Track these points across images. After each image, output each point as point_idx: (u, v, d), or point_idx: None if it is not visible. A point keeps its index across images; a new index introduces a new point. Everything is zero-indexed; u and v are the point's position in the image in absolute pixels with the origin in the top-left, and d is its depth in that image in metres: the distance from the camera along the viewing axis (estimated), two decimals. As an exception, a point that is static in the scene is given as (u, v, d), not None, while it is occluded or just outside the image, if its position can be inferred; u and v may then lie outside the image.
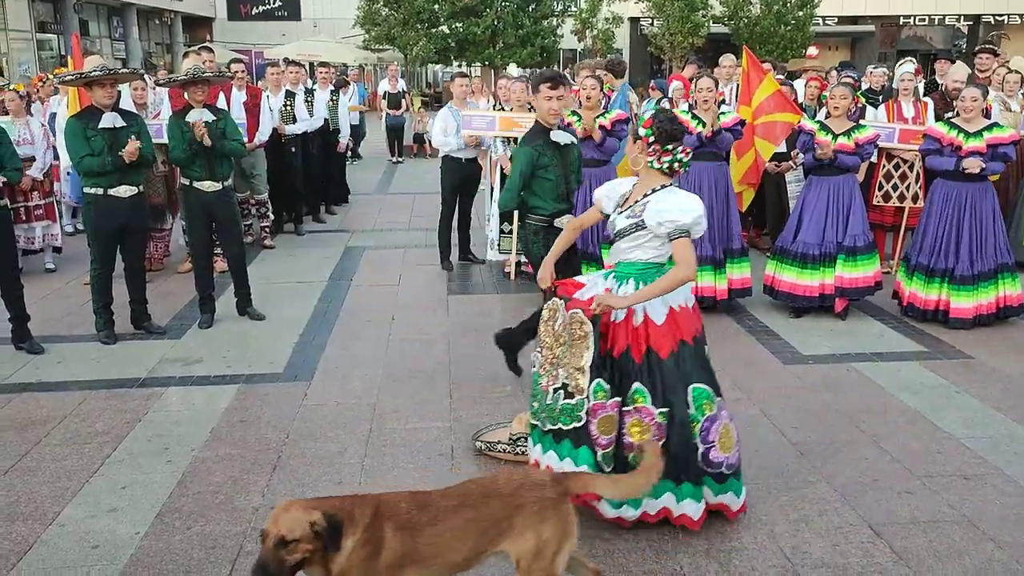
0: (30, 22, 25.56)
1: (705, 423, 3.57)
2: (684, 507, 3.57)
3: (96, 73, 5.79)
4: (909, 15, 33.99)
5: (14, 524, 3.75)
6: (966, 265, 6.36)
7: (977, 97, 6.36)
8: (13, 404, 5.04)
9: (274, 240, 9.33)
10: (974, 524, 3.73)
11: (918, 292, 6.53)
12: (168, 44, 34.41)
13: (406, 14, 27.75)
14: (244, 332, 6.39)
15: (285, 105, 9.47)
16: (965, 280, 6.35)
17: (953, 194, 6.41)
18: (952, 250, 6.41)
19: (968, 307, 6.35)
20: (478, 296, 7.43)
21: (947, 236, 6.43)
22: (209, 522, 3.76)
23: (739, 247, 6.79)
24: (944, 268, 6.42)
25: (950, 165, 6.35)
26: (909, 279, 6.62)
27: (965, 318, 6.35)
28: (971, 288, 6.35)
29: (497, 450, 4.28)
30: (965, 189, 6.36)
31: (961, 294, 6.37)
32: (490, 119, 7.77)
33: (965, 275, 6.35)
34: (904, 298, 6.66)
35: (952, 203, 6.41)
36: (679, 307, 3.60)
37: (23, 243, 7.83)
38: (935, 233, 6.47)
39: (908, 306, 6.61)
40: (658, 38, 28.44)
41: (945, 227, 6.43)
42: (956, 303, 6.38)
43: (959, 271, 6.37)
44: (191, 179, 6.31)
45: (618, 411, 3.55)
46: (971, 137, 6.30)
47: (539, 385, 3.70)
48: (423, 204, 11.26)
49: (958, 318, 6.37)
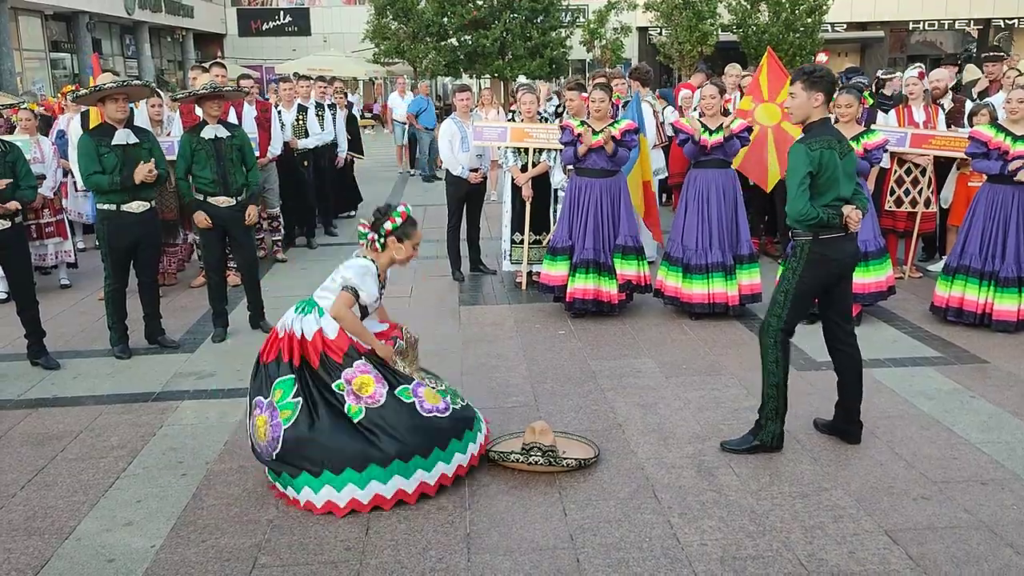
0: (44, 41, 25.86)
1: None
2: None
3: (110, 85, 5.85)
4: (919, 20, 33.87)
5: (31, 538, 3.77)
6: (1011, 267, 6.29)
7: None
8: (29, 419, 5.07)
9: (286, 253, 9.38)
10: (992, 529, 3.71)
11: (970, 295, 6.42)
12: (180, 61, 34.70)
13: (415, 27, 27.89)
14: (257, 345, 6.34)
15: (297, 119, 9.54)
16: (1009, 282, 6.29)
17: (999, 197, 6.34)
18: (998, 252, 6.34)
19: (1012, 310, 6.29)
20: (490, 307, 7.44)
21: (993, 239, 6.36)
22: (224, 535, 3.78)
23: (748, 253, 6.80)
24: (991, 271, 6.35)
25: (996, 169, 6.28)
26: (950, 282, 6.52)
27: (1009, 321, 6.29)
28: (1016, 291, 6.29)
29: (510, 460, 4.28)
30: (1012, 192, 6.30)
31: (1005, 297, 6.30)
32: (501, 130, 7.79)
33: (1009, 277, 6.28)
34: (942, 301, 6.53)
35: (999, 206, 6.34)
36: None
37: (36, 260, 7.89)
38: (979, 235, 6.40)
39: (951, 309, 6.48)
40: (667, 47, 28.46)
41: (992, 230, 6.36)
42: (1000, 305, 6.31)
43: (1004, 273, 6.29)
44: (204, 194, 6.35)
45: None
46: (1018, 141, 6.23)
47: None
48: (434, 216, 11.28)
49: (1002, 320, 6.30)
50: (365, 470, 3.89)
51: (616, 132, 6.62)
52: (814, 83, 4.31)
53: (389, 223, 4.22)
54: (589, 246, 6.74)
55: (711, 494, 4.05)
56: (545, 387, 5.46)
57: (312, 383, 4.06)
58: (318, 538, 3.74)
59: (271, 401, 4.05)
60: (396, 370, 4.19)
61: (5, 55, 22.31)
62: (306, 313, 4.19)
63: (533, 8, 27.77)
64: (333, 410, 4.01)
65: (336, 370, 4.05)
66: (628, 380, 5.57)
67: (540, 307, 7.27)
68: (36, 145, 8.01)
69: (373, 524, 3.84)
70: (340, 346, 4.08)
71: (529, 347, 6.27)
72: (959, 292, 6.47)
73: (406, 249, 4.29)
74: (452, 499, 4.04)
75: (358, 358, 4.09)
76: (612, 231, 6.79)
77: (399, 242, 4.25)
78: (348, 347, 4.09)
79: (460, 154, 8.03)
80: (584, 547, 3.62)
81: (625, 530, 3.75)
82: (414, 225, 4.33)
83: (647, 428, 4.81)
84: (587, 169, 6.71)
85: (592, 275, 6.74)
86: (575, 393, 5.35)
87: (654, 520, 3.83)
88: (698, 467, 4.34)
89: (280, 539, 3.74)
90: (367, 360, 4.10)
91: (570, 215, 6.86)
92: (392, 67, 30.27)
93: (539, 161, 7.66)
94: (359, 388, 4.01)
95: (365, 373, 4.05)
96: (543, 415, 4.99)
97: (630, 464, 4.37)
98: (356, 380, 4.02)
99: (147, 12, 29.82)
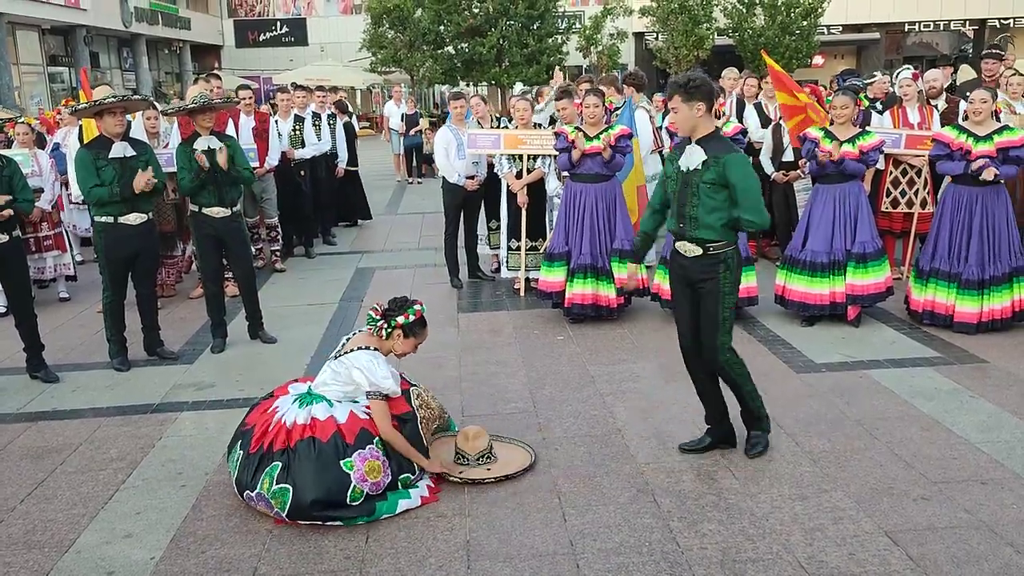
0: (41, 56, 25.92)
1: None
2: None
3: (110, 100, 5.87)
4: (914, 21, 33.90)
5: (30, 552, 3.77)
6: (973, 270, 6.30)
7: (987, 99, 6.28)
8: (29, 433, 5.07)
9: (285, 263, 9.39)
10: (992, 529, 3.70)
11: (940, 298, 6.43)
12: (178, 73, 34.79)
13: (411, 36, 27.95)
14: (256, 355, 6.42)
15: (294, 129, 9.57)
16: (971, 285, 6.29)
17: (964, 198, 6.34)
18: (962, 255, 6.36)
19: (973, 312, 6.28)
20: (488, 313, 7.44)
21: (958, 241, 6.37)
22: (224, 545, 3.77)
23: (745, 256, 6.79)
24: (957, 272, 6.36)
25: (960, 170, 6.28)
26: (924, 285, 6.54)
27: (969, 323, 6.29)
28: (976, 293, 6.29)
29: (476, 475, 4.28)
30: (976, 193, 6.30)
31: (966, 299, 6.31)
32: (495, 137, 7.80)
33: (971, 280, 6.29)
34: (919, 305, 6.57)
35: (964, 207, 6.34)
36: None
37: (34, 273, 7.89)
38: (947, 237, 6.41)
39: (925, 312, 6.51)
40: (663, 52, 28.50)
41: (956, 231, 6.37)
42: (961, 308, 6.32)
43: (966, 275, 6.31)
44: (200, 205, 6.36)
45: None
46: (981, 141, 6.23)
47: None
48: (432, 223, 11.30)
49: (962, 323, 6.31)
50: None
51: (611, 138, 6.63)
52: (691, 93, 4.12)
53: (402, 318, 4.19)
54: (586, 251, 6.75)
55: (710, 497, 4.05)
56: (544, 393, 5.46)
57: (309, 451, 3.97)
58: (317, 547, 3.74)
59: (260, 493, 3.95)
60: (401, 462, 4.12)
61: (3, 69, 22.38)
62: (313, 403, 4.12)
63: (529, 15, 27.84)
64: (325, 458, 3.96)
65: (347, 449, 3.98)
66: (627, 385, 5.57)
67: (538, 313, 7.28)
68: (34, 159, 8.02)
69: (372, 533, 3.83)
70: (352, 430, 4.04)
71: (528, 353, 6.27)
72: (931, 295, 6.48)
73: (408, 345, 4.28)
74: (451, 506, 4.04)
75: (370, 442, 4.04)
76: (608, 235, 6.80)
77: (404, 337, 4.23)
78: (360, 430, 4.04)
79: (456, 161, 8.04)
80: (584, 552, 3.62)
81: (625, 535, 3.74)
82: (424, 326, 4.32)
83: (646, 433, 4.81)
84: (582, 175, 6.72)
85: (590, 280, 6.75)
86: (574, 398, 5.35)
87: (654, 524, 3.82)
88: (697, 471, 4.34)
89: (280, 549, 3.73)
90: (378, 445, 4.06)
91: (566, 221, 6.87)
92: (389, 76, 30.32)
93: (534, 168, 7.68)
94: (368, 471, 3.96)
95: (376, 459, 4.01)
96: (542, 421, 4.99)
97: (630, 469, 4.37)
98: (367, 464, 3.97)
99: (144, 25, 29.92)
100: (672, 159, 4.36)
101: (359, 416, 4.10)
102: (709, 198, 4.15)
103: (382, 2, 27.72)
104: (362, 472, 3.94)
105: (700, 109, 4.14)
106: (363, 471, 3.94)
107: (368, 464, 3.97)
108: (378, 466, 4.00)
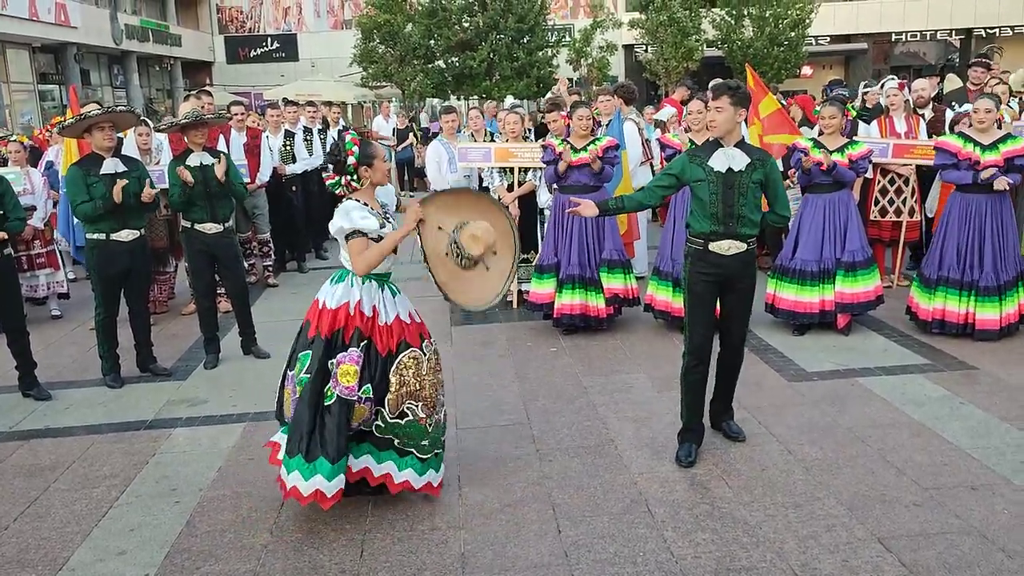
0: (32, 73, 25.89)
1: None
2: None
3: (96, 113, 5.87)
4: (901, 31, 34.17)
5: (24, 571, 3.76)
6: (990, 276, 6.28)
7: (991, 108, 6.24)
8: (21, 451, 5.06)
9: (277, 278, 9.40)
10: (983, 534, 3.72)
11: (951, 307, 6.40)
12: (169, 90, 34.77)
13: (402, 51, 28.02)
14: (249, 371, 6.42)
15: (285, 145, 9.59)
16: (990, 291, 6.28)
17: (973, 207, 6.32)
18: (976, 262, 6.33)
19: (993, 319, 6.28)
20: (481, 326, 7.45)
21: (970, 248, 6.34)
22: (219, 561, 3.77)
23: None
24: (971, 280, 6.34)
25: (967, 179, 6.26)
26: (931, 294, 6.50)
27: (992, 330, 6.28)
28: (996, 299, 6.28)
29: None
30: (984, 200, 6.29)
31: (987, 306, 6.28)
32: (486, 150, 7.84)
33: (990, 286, 6.28)
34: (927, 314, 6.51)
35: (973, 215, 6.32)
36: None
37: (26, 291, 7.88)
38: (957, 246, 6.39)
39: (935, 322, 6.46)
40: (653, 64, 28.65)
41: (967, 239, 6.35)
42: (982, 315, 6.29)
43: (984, 282, 6.28)
44: (193, 221, 6.37)
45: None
46: (987, 150, 6.23)
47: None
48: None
49: (985, 330, 6.28)
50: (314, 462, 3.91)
51: (599, 149, 6.68)
52: (740, 99, 4.43)
53: (350, 156, 4.09)
54: (575, 262, 6.78)
55: (704, 507, 4.07)
56: (537, 404, 5.47)
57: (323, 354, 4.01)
58: (313, 562, 3.73)
59: (294, 374, 4.06)
60: (382, 379, 4.06)
61: (-7, 88, 22.37)
62: (339, 282, 4.13)
63: (519, 29, 27.95)
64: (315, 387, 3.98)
65: (339, 348, 3.99)
66: (620, 395, 5.59)
67: (531, 325, 7.30)
68: (26, 177, 8.02)
69: (367, 547, 3.84)
70: (352, 323, 4.02)
71: (521, 365, 6.28)
72: (940, 304, 6.45)
73: (379, 169, 4.18)
74: (445, 519, 4.05)
75: (357, 345, 4.00)
76: (597, 246, 6.83)
77: (369, 167, 4.13)
78: (356, 328, 4.01)
79: (448, 175, 8.07)
80: (579, 563, 3.63)
81: (619, 545, 3.75)
82: (370, 144, 4.22)
83: (640, 443, 4.82)
84: (570, 186, 6.75)
85: (579, 290, 6.78)
86: (567, 410, 5.36)
87: (648, 534, 3.83)
88: (691, 480, 4.35)
89: (275, 564, 3.73)
90: (364, 350, 4.01)
91: (555, 232, 6.91)
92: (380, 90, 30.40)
93: (524, 180, 7.71)
94: (341, 375, 3.95)
95: (354, 363, 3.97)
96: (536, 432, 5.01)
97: (623, 479, 4.38)
98: (343, 367, 3.96)
99: (135, 42, 29.92)
100: (698, 163, 4.50)
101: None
102: (755, 197, 4.48)
103: (372, 17, 27.83)
104: (336, 373, 3.96)
105: (741, 114, 4.48)
106: (337, 374, 3.95)
107: (343, 368, 3.97)
108: (353, 371, 3.97)
